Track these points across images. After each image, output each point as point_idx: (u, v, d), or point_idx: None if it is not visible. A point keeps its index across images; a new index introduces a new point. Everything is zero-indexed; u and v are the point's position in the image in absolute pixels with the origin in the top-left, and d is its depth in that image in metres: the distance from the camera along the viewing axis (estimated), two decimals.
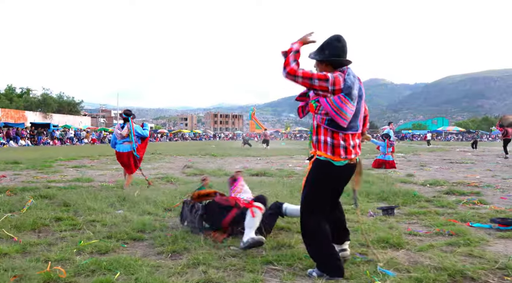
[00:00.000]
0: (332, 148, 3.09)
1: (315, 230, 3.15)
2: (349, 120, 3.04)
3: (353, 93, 3.02)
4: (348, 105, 3.00)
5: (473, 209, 5.96)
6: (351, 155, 3.13)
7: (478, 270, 3.18)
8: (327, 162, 3.11)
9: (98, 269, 3.17)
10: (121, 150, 8.02)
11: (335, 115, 3.01)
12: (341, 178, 3.24)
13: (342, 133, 3.09)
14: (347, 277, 3.06)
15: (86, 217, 5.11)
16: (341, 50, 3.15)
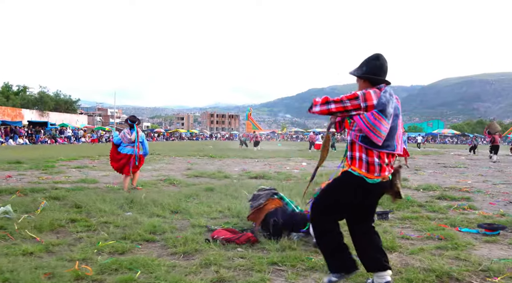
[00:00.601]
0: (367, 165, 3.02)
1: (325, 229, 3.17)
2: (384, 138, 2.98)
3: (387, 111, 2.97)
4: (382, 122, 2.95)
5: (462, 214, 6.32)
6: (385, 173, 3.07)
7: (463, 271, 3.53)
8: (360, 177, 3.03)
9: (120, 268, 3.50)
10: (124, 151, 8.43)
11: (369, 132, 2.96)
12: (370, 194, 3.15)
13: (376, 151, 3.02)
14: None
15: (99, 219, 5.43)
16: (378, 68, 3.15)
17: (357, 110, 3.00)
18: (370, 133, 2.95)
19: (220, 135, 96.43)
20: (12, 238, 4.51)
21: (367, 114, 2.97)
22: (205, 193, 7.88)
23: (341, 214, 3.27)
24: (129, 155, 8.35)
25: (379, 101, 2.98)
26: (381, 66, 3.14)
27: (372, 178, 3.02)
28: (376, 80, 3.13)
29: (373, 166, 3.00)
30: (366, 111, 2.98)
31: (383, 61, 3.17)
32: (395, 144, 3.09)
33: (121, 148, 8.44)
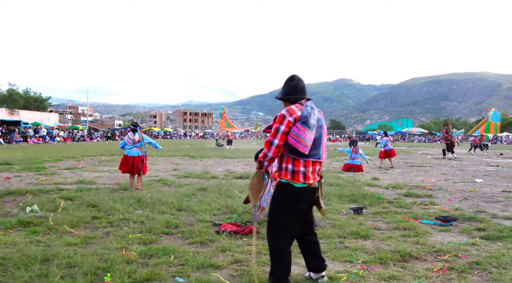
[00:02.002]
0: (292, 174, 3.40)
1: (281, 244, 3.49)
2: (309, 147, 3.32)
3: (310, 122, 3.30)
4: (306, 133, 3.28)
5: (424, 209, 7.47)
6: (309, 180, 3.43)
7: (420, 252, 4.61)
8: (287, 183, 3.43)
9: (155, 254, 4.40)
10: (131, 154, 9.34)
11: (295, 143, 3.29)
12: (301, 198, 3.47)
13: (302, 160, 3.38)
14: (333, 257, 4.41)
15: (117, 216, 6.27)
16: (293, 88, 3.52)
17: (290, 127, 3.34)
18: (297, 144, 3.28)
19: (194, 134, 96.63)
20: (50, 232, 5.33)
21: (293, 128, 3.32)
22: (200, 192, 8.78)
23: (291, 222, 3.52)
24: (136, 156, 9.29)
25: (302, 114, 3.34)
26: (295, 86, 3.54)
27: (297, 183, 3.40)
28: (295, 98, 3.51)
29: (298, 174, 3.39)
30: (295, 124, 3.34)
31: (298, 81, 3.57)
32: (320, 153, 3.46)
33: (127, 151, 9.32)
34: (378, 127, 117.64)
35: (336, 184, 10.44)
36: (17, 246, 4.56)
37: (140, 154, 9.43)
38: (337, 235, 5.41)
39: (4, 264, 3.96)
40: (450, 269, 4.09)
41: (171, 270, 3.96)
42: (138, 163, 9.28)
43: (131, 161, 9.24)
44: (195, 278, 3.62)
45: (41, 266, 3.95)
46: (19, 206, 6.94)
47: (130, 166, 9.22)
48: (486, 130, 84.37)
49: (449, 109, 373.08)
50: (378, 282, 3.73)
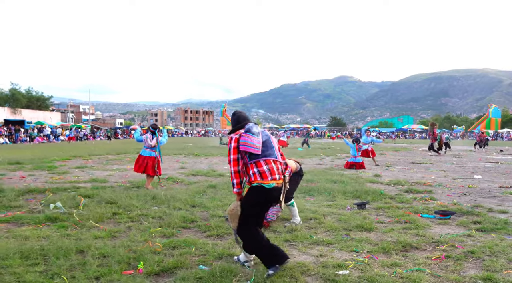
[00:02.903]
0: (260, 174, 3.88)
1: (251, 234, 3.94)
2: (259, 148, 3.89)
3: (253, 131, 3.92)
4: (252, 138, 3.88)
5: (424, 204, 7.89)
6: (275, 175, 3.92)
7: (420, 243, 5.03)
8: (259, 185, 3.88)
9: (177, 245, 4.82)
10: (146, 154, 9.85)
11: (248, 147, 3.87)
12: (270, 197, 3.95)
13: (262, 160, 3.92)
14: (340, 247, 4.82)
15: (136, 212, 6.69)
16: (236, 121, 4.17)
17: (238, 141, 3.95)
18: (247, 147, 3.87)
19: (196, 132, 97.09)
20: (77, 227, 5.75)
21: (240, 139, 3.93)
22: (210, 189, 9.21)
23: (258, 219, 4.05)
24: (150, 157, 9.76)
25: (246, 128, 4.00)
26: (237, 119, 4.20)
27: (267, 183, 3.86)
28: (241, 126, 4.11)
29: (264, 173, 3.89)
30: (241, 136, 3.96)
31: (239, 113, 4.28)
32: (275, 153, 4.07)
33: (143, 151, 9.85)
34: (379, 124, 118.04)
35: (340, 180, 10.85)
36: (50, 239, 4.98)
37: (154, 155, 9.86)
38: (343, 228, 5.82)
39: (44, 254, 4.38)
40: (447, 257, 4.51)
41: (194, 259, 4.38)
42: (153, 163, 9.70)
43: (145, 161, 9.69)
44: (218, 266, 4.02)
45: (77, 256, 4.37)
46: (41, 203, 7.36)
47: (145, 166, 9.65)
48: (487, 127, 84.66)
49: (450, 105, 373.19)
50: (382, 268, 4.14)
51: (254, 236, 3.92)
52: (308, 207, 7.22)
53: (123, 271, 3.94)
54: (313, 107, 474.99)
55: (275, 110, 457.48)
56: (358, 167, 15.17)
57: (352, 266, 4.17)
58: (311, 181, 10.71)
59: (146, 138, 9.96)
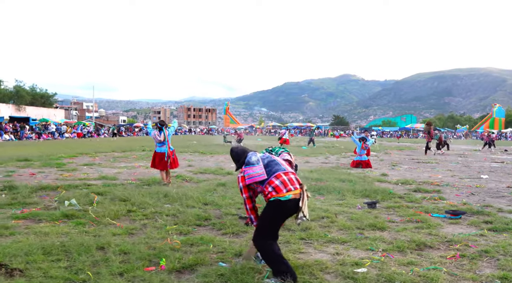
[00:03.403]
0: (273, 188, 3.90)
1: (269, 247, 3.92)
2: (263, 173, 3.97)
3: (252, 161, 4.07)
4: (253, 168, 4.02)
5: (434, 204, 7.94)
6: (289, 186, 3.92)
7: (434, 241, 5.10)
8: (275, 200, 3.88)
9: (195, 243, 4.90)
10: (160, 151, 10.16)
11: (253, 179, 3.99)
12: (287, 210, 3.96)
13: (273, 177, 3.95)
14: (355, 246, 4.90)
15: (150, 210, 6.77)
16: (235, 157, 4.29)
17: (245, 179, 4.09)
18: (254, 178, 3.99)
19: (199, 130, 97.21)
20: (93, 223, 5.84)
21: (245, 175, 4.06)
22: (221, 188, 9.29)
23: (275, 232, 4.04)
24: (164, 153, 10.05)
25: (245, 162, 4.13)
26: (236, 156, 4.30)
27: (283, 195, 3.86)
28: (242, 162, 4.21)
29: (278, 187, 3.90)
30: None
31: (235, 151, 4.35)
32: (282, 167, 4.08)
33: (158, 148, 10.23)
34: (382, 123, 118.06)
35: (348, 179, 10.92)
36: (70, 236, 5.07)
37: (167, 150, 10.09)
38: (356, 226, 5.89)
39: (65, 250, 4.46)
40: (461, 256, 4.58)
41: (213, 256, 4.46)
42: (168, 159, 9.95)
43: (161, 158, 10.03)
44: (239, 263, 4.10)
45: (98, 253, 4.45)
46: (56, 200, 7.45)
47: (161, 162, 9.97)
48: (491, 126, 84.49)
49: (453, 105, 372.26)
50: (398, 266, 4.21)
51: (269, 247, 3.90)
52: (319, 206, 7.29)
53: (145, 268, 4.02)
54: (316, 105, 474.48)
55: (278, 108, 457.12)
56: (364, 165, 15.22)
57: (369, 264, 4.24)
58: (320, 179, 10.77)
59: (154, 135, 10.12)
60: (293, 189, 3.92)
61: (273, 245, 3.94)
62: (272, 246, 3.92)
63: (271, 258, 3.86)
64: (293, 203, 3.92)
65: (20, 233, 5.25)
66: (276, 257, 3.85)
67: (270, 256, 3.87)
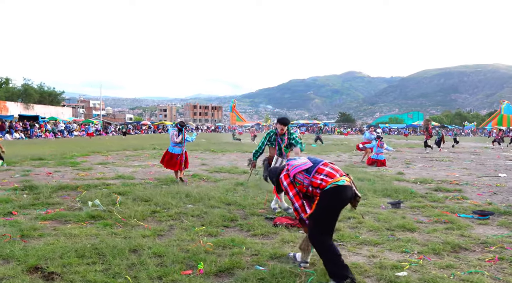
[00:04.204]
0: (327, 176, 3.78)
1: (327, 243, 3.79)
2: (307, 162, 3.95)
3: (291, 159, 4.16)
4: (295, 161, 4.07)
5: (458, 203, 7.84)
6: (339, 171, 3.87)
7: (468, 243, 5.02)
8: (333, 186, 3.74)
9: (226, 245, 4.84)
10: (174, 151, 10.10)
11: (297, 168, 3.93)
12: (345, 194, 3.78)
13: (320, 165, 3.90)
14: (389, 248, 4.82)
15: (174, 210, 6.73)
16: (271, 178, 4.37)
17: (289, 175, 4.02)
18: (299, 167, 3.94)
19: (206, 128, 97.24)
20: (120, 225, 5.80)
21: (289, 168, 4.02)
22: (240, 187, 9.24)
23: (331, 225, 3.86)
24: (179, 154, 9.96)
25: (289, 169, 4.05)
26: (271, 175, 4.37)
27: (339, 180, 3.74)
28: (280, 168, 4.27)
29: (330, 172, 3.82)
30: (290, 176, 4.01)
31: (269, 174, 4.46)
32: (316, 159, 4.02)
33: (171, 148, 10.10)
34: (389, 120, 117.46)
35: (366, 178, 10.83)
36: (100, 238, 5.03)
37: (181, 152, 10.05)
38: (385, 227, 5.82)
39: (98, 253, 4.43)
40: (500, 259, 4.49)
41: (248, 259, 4.40)
42: (181, 159, 9.89)
43: (174, 158, 9.89)
44: (277, 267, 4.03)
45: (131, 255, 4.41)
46: (78, 200, 7.43)
47: (173, 163, 9.83)
48: (499, 123, 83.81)
49: (460, 101, 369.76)
50: (437, 270, 4.14)
51: (328, 246, 3.74)
52: None
53: (182, 271, 3.97)
54: (322, 103, 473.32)
55: (283, 106, 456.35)
56: (379, 164, 15.12)
57: (408, 267, 4.17)
58: None
59: (172, 135, 10.07)
60: (337, 175, 3.82)
61: (332, 243, 3.79)
62: (332, 244, 3.76)
63: (329, 258, 3.70)
64: (348, 189, 3.79)
65: (49, 235, 5.22)
66: (336, 257, 3.70)
67: (329, 256, 3.70)
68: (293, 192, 3.94)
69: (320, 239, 3.76)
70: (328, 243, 3.76)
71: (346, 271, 3.68)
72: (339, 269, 3.68)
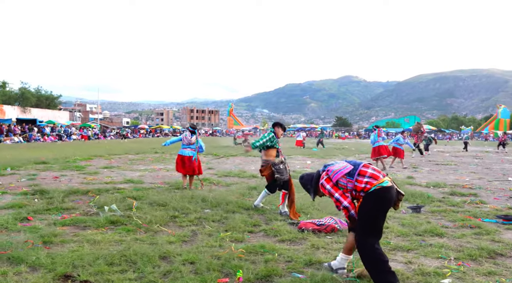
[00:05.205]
0: (371, 178, 3.69)
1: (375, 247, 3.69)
2: (348, 165, 3.84)
3: (328, 164, 4.03)
4: (334, 165, 3.94)
5: (478, 208, 7.74)
6: (379, 175, 3.75)
7: (503, 249, 4.90)
8: (378, 188, 3.67)
9: (257, 251, 4.70)
10: (185, 154, 9.79)
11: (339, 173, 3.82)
12: (391, 196, 3.73)
13: (361, 168, 3.79)
14: (424, 254, 4.70)
15: (193, 215, 6.58)
16: (306, 184, 4.20)
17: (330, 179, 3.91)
18: (340, 172, 3.82)
19: (203, 132, 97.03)
20: (141, 230, 5.65)
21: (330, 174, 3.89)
22: (253, 191, 9.10)
23: (378, 228, 3.78)
24: (191, 156, 9.67)
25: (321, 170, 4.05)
26: (306, 180, 4.21)
27: (382, 181, 3.68)
28: (316, 177, 4.11)
29: (374, 174, 3.72)
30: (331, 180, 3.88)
31: (304, 178, 4.27)
32: (355, 162, 3.91)
33: (181, 151, 9.75)
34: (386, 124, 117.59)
35: None
36: (124, 244, 4.88)
37: (191, 155, 9.76)
38: (413, 233, 5.70)
39: (126, 260, 4.28)
40: None
41: (283, 266, 4.26)
42: (193, 163, 9.62)
43: (186, 160, 9.60)
44: (319, 274, 3.88)
45: (162, 263, 4.27)
46: (94, 205, 7.27)
47: (186, 166, 9.57)
48: (496, 127, 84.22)
49: (455, 106, 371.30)
50: (480, 277, 4.02)
51: (375, 251, 3.63)
52: None
53: (218, 279, 3.83)
54: (318, 107, 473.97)
55: (280, 110, 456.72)
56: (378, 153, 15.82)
57: (450, 274, 4.05)
58: None
59: (185, 136, 9.88)
60: (380, 176, 3.74)
61: (379, 247, 3.68)
62: (379, 250, 3.65)
63: (376, 265, 3.59)
64: (392, 190, 3.72)
65: (71, 241, 5.07)
66: (382, 264, 3.58)
67: (375, 262, 3.59)
68: (339, 192, 3.82)
69: (365, 243, 3.66)
70: (375, 247, 3.65)
71: (393, 278, 3.57)
72: (386, 276, 3.56)
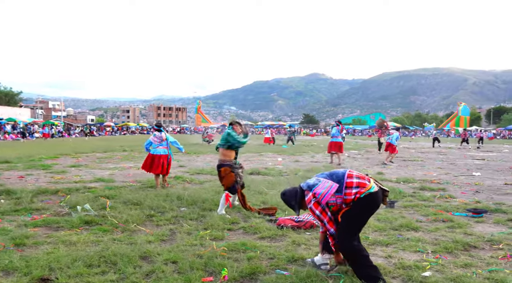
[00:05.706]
0: (359, 187, 3.74)
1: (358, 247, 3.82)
2: (333, 183, 3.79)
3: (311, 183, 3.91)
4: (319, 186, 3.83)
5: (447, 202, 7.98)
6: (367, 177, 3.87)
7: (476, 242, 5.07)
8: (366, 194, 3.73)
9: (239, 249, 4.67)
10: (157, 152, 9.54)
11: (326, 196, 3.77)
12: (378, 201, 3.85)
13: (346, 180, 3.79)
14: (402, 248, 4.80)
15: (170, 214, 6.48)
16: (289, 200, 4.10)
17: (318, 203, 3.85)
18: (327, 195, 3.77)
19: (171, 129, 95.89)
20: (117, 230, 5.52)
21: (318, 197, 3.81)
22: None
23: (361, 228, 3.95)
24: (163, 155, 9.50)
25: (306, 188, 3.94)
26: (289, 196, 4.12)
27: (370, 187, 3.76)
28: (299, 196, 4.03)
29: (360, 182, 3.77)
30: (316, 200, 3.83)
31: (286, 194, 4.16)
32: (343, 170, 3.94)
33: (154, 150, 9.47)
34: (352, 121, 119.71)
35: None
36: (102, 245, 4.74)
37: (167, 153, 9.61)
38: (389, 227, 5.81)
39: (105, 261, 4.16)
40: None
41: (265, 263, 4.25)
42: (164, 161, 9.45)
43: (157, 160, 9.39)
44: (303, 271, 3.89)
45: (143, 263, 4.18)
46: (64, 205, 7.05)
47: (156, 165, 9.36)
48: (456, 124, 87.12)
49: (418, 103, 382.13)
50: (458, 269, 4.13)
51: (359, 251, 3.75)
52: None
53: (203, 278, 3.78)
54: (285, 104, 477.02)
55: (247, 107, 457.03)
56: None
57: (429, 267, 4.15)
58: None
59: (155, 136, 9.68)
60: (367, 183, 3.81)
61: (359, 244, 3.81)
62: (359, 245, 3.79)
63: (361, 262, 3.69)
64: (379, 194, 3.84)
65: (45, 243, 4.88)
66: (365, 259, 3.70)
67: (360, 260, 3.70)
68: (326, 219, 3.86)
69: (350, 245, 3.75)
70: (358, 248, 3.77)
71: (376, 273, 3.65)
72: (370, 270, 3.64)
